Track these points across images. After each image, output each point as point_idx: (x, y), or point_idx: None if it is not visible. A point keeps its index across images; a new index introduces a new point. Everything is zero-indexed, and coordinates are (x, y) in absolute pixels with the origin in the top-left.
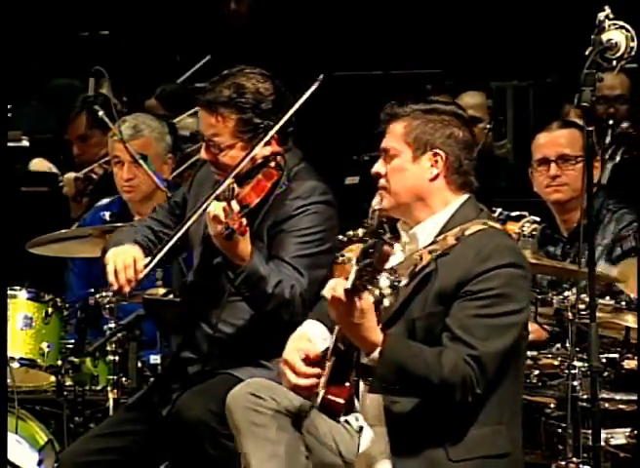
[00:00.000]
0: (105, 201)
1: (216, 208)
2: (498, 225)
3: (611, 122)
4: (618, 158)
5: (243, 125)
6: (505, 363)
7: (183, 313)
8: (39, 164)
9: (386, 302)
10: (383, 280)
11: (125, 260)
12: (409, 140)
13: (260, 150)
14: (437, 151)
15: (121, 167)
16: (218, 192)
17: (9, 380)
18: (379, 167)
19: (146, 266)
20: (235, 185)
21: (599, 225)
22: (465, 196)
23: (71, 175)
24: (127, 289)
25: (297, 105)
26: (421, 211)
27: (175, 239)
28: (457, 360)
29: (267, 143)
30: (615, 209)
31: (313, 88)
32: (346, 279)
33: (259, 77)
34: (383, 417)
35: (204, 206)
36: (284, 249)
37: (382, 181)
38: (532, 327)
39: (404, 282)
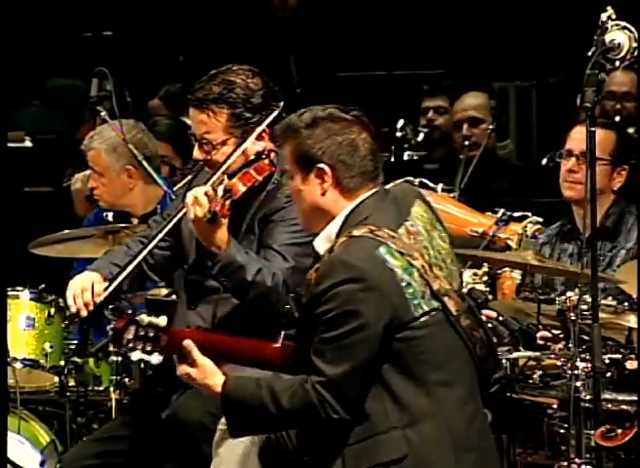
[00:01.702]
0: None
1: (197, 190)
2: (365, 231)
3: (617, 118)
4: None
5: (234, 120)
6: (376, 374)
7: (179, 311)
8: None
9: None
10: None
11: (83, 285)
12: (295, 161)
13: (253, 146)
14: (320, 166)
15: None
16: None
17: (11, 381)
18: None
19: (106, 289)
20: (226, 178)
21: (622, 228)
22: (364, 195)
23: (87, 171)
24: (84, 312)
25: (258, 130)
26: (327, 221)
27: (136, 262)
28: (302, 389)
29: (260, 139)
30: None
31: (274, 114)
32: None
33: (247, 73)
34: None
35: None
36: (273, 237)
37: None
38: None
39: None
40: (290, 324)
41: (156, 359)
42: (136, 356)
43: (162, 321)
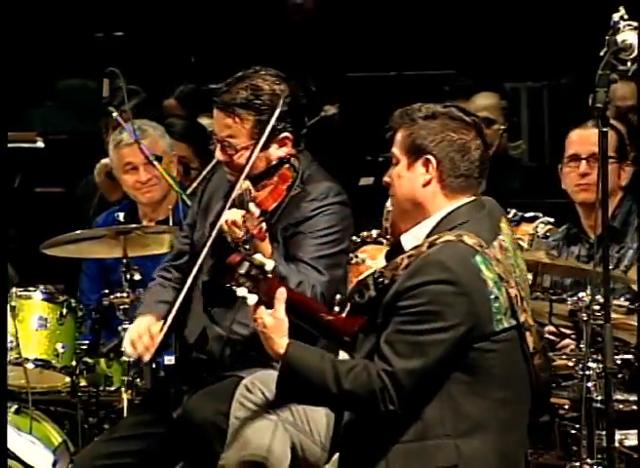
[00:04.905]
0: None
1: (233, 214)
2: (475, 239)
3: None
4: None
5: (260, 126)
6: (442, 380)
7: (195, 314)
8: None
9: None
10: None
11: (138, 330)
12: (405, 147)
13: (275, 151)
14: (428, 157)
15: (135, 172)
16: (233, 196)
17: (23, 381)
18: (387, 175)
19: (161, 329)
20: (251, 188)
21: (629, 228)
22: (463, 200)
23: (104, 160)
24: (147, 356)
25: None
26: (421, 217)
27: (184, 292)
28: (366, 374)
29: (283, 145)
30: None
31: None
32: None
33: (274, 79)
34: None
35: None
36: (303, 250)
37: (391, 190)
38: None
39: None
40: (347, 308)
41: (253, 300)
42: (241, 292)
43: (269, 264)
